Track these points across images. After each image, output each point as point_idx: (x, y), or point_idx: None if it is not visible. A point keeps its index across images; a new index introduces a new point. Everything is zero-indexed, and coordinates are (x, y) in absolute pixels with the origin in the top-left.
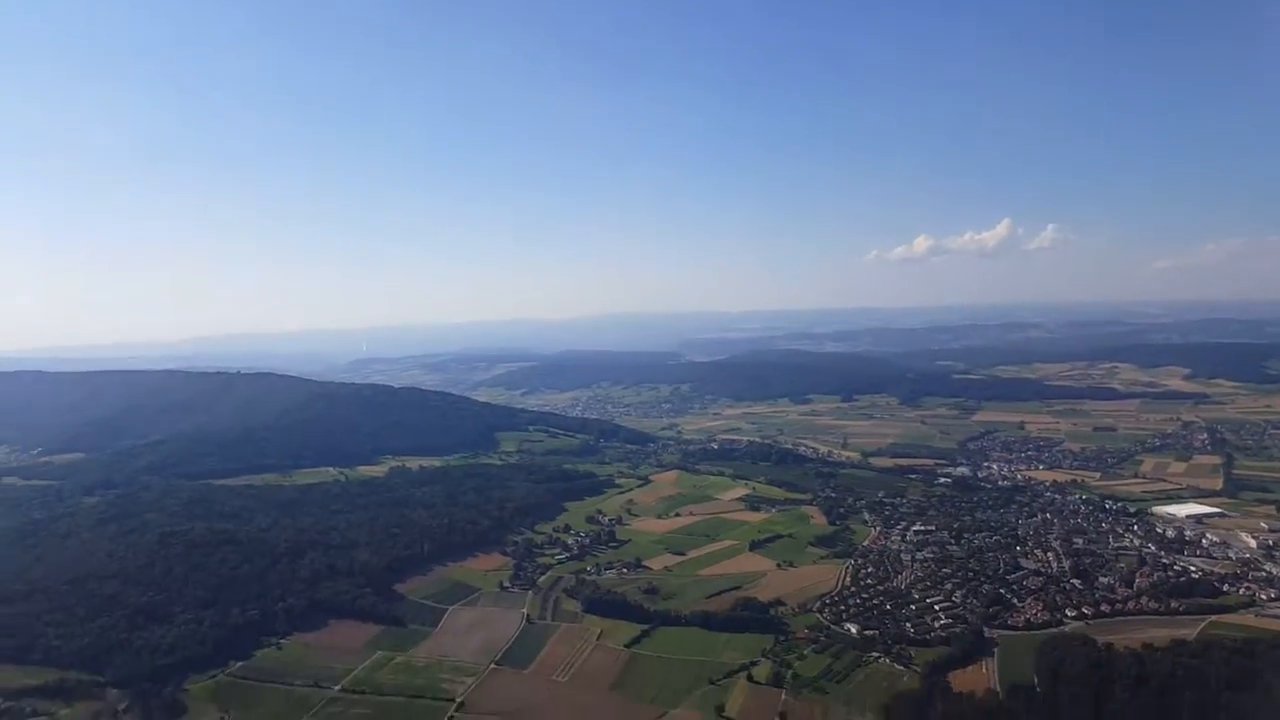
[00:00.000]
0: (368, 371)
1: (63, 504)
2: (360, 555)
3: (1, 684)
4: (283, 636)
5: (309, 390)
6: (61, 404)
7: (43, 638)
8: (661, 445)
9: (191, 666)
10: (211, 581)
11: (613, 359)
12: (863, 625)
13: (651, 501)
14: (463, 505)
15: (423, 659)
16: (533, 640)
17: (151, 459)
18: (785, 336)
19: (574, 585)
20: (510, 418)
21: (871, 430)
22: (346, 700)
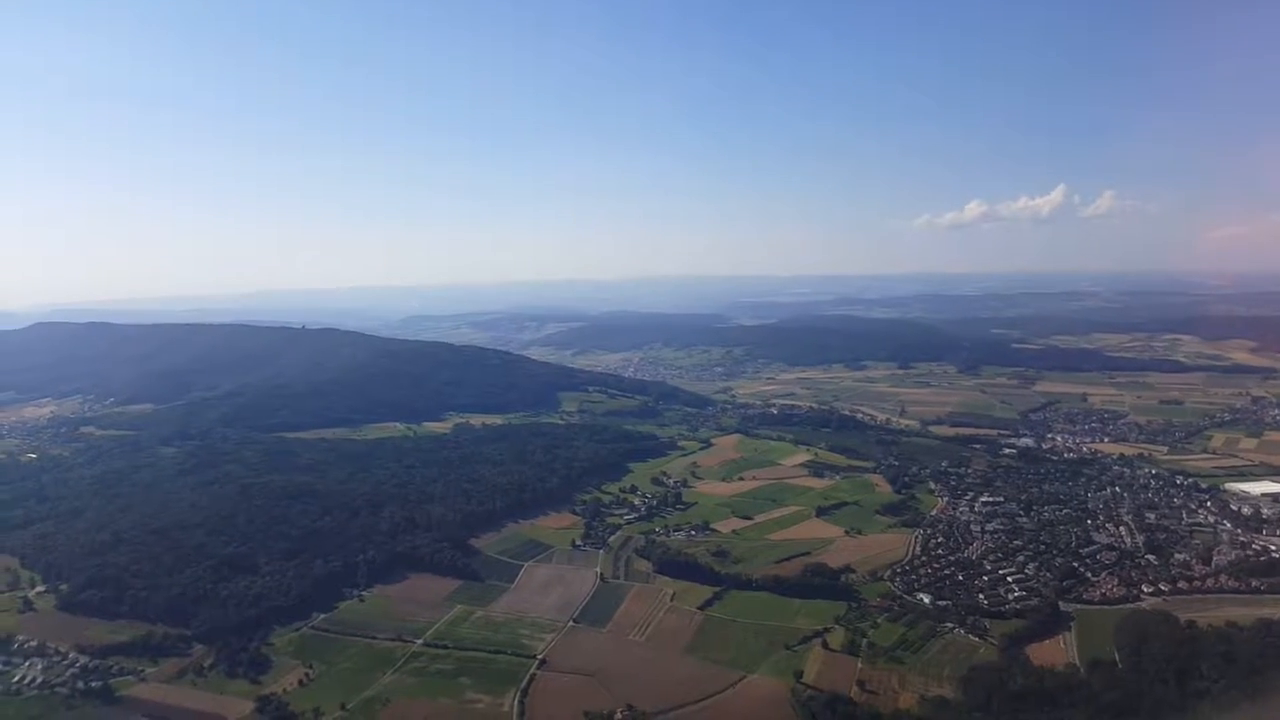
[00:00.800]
0: (419, 329)
1: (142, 454)
2: (435, 510)
3: (90, 640)
4: (364, 588)
5: (373, 346)
6: (131, 355)
7: (130, 589)
8: (720, 409)
9: (276, 619)
10: (293, 533)
11: (661, 321)
12: (935, 595)
13: (714, 465)
14: (531, 464)
15: (501, 614)
16: (608, 599)
17: (225, 411)
18: (834, 302)
19: (644, 546)
20: (570, 378)
21: (930, 398)
22: (429, 654)
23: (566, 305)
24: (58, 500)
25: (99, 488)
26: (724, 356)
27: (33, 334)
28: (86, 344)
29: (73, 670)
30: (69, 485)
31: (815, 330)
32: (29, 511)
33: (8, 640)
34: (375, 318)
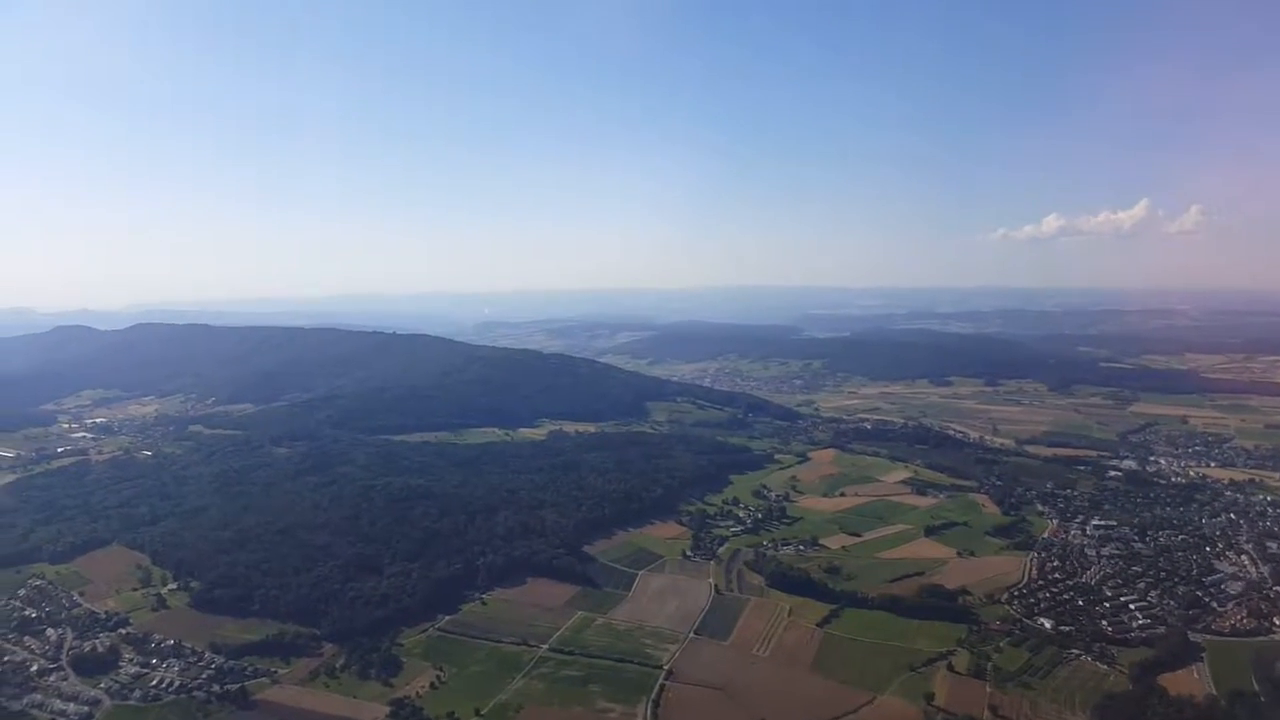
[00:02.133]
0: (495, 335)
1: (254, 454)
2: (548, 515)
3: (224, 639)
4: (484, 591)
5: (462, 352)
6: (228, 356)
7: (261, 588)
8: (810, 423)
9: (402, 619)
10: (414, 535)
11: (733, 331)
12: (1057, 621)
13: (813, 479)
14: (634, 473)
15: (622, 622)
16: (726, 612)
17: (330, 413)
18: (908, 315)
19: (754, 559)
20: (659, 387)
21: (1022, 417)
22: (556, 660)
23: (635, 313)
24: (180, 498)
25: (219, 486)
26: (803, 369)
27: (134, 334)
28: (184, 344)
29: (209, 672)
30: (189, 483)
31: (895, 344)
32: (154, 508)
33: (145, 639)
34: (450, 323)
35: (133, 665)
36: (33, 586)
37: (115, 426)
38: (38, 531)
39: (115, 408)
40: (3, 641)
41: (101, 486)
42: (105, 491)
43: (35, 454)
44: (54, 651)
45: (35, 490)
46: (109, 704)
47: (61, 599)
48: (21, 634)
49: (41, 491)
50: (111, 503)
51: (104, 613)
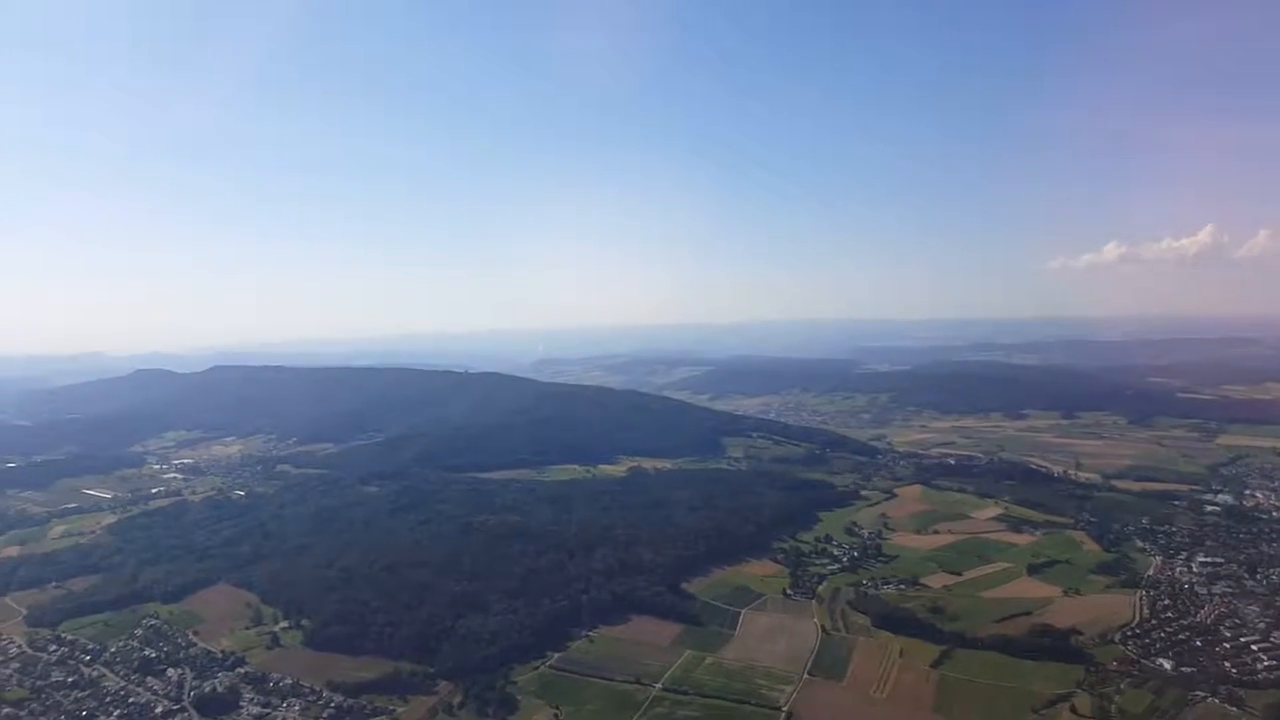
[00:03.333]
0: (552, 372)
1: (346, 492)
2: (644, 553)
3: (339, 677)
4: (590, 629)
5: (533, 390)
6: (304, 397)
7: (373, 625)
8: (890, 458)
9: (513, 656)
10: (515, 571)
11: (790, 365)
12: (1176, 662)
13: (904, 516)
14: (721, 510)
15: (733, 661)
16: (836, 652)
17: (413, 452)
18: (967, 347)
19: (855, 598)
20: (733, 423)
21: (1104, 450)
22: (671, 700)
23: (686, 349)
24: (281, 537)
25: (317, 525)
26: (869, 403)
27: (211, 376)
28: (260, 386)
29: (329, 711)
30: (286, 522)
31: (961, 376)
32: (256, 547)
33: (263, 679)
34: (507, 360)
35: (254, 705)
36: (148, 626)
37: (203, 466)
38: (145, 572)
39: (199, 448)
40: (126, 682)
41: (201, 526)
42: (205, 531)
43: (131, 494)
44: (176, 692)
45: (137, 530)
46: None
47: (177, 638)
48: (143, 674)
49: (143, 532)
50: (214, 542)
51: (220, 652)
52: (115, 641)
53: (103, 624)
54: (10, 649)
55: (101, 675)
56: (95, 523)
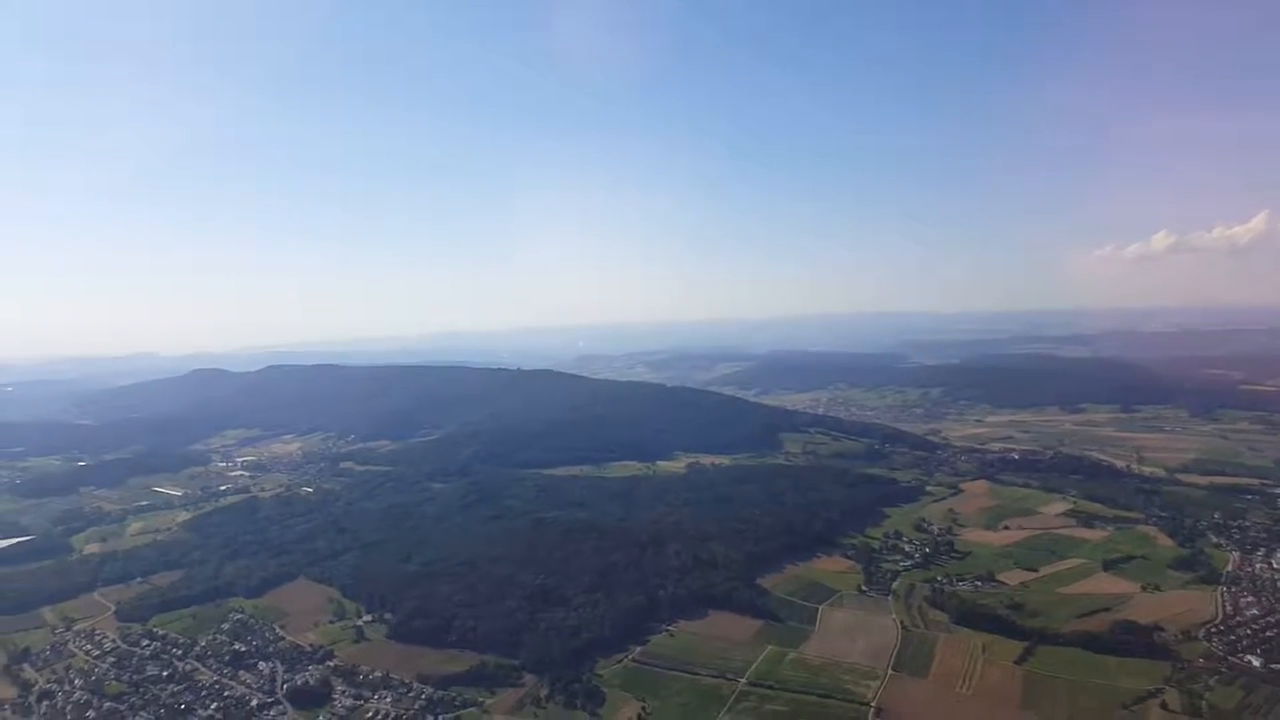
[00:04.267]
0: (597, 368)
1: (412, 489)
2: (716, 548)
3: (427, 670)
4: (669, 623)
5: (586, 388)
6: (358, 395)
7: (455, 619)
8: (950, 453)
9: (596, 650)
10: (590, 566)
11: (834, 360)
12: (1265, 659)
13: (972, 512)
14: (788, 506)
15: (815, 657)
16: (918, 649)
17: (475, 449)
18: (1012, 340)
19: (932, 595)
20: (789, 418)
21: (1167, 444)
22: (757, 694)
23: (725, 345)
24: (354, 532)
25: (390, 521)
26: (921, 397)
27: (267, 376)
28: (314, 385)
29: (420, 703)
30: (358, 518)
31: (1012, 370)
32: (331, 543)
33: (353, 671)
34: (548, 357)
35: (346, 697)
36: (234, 620)
37: (266, 464)
38: (226, 567)
39: (260, 446)
40: (220, 676)
41: (274, 522)
42: (279, 527)
43: (201, 492)
44: (269, 685)
45: (212, 527)
46: None
47: (264, 632)
48: (235, 668)
49: (218, 528)
50: (289, 538)
51: (308, 645)
52: (204, 636)
53: (190, 618)
54: (105, 643)
55: (195, 669)
56: (170, 520)
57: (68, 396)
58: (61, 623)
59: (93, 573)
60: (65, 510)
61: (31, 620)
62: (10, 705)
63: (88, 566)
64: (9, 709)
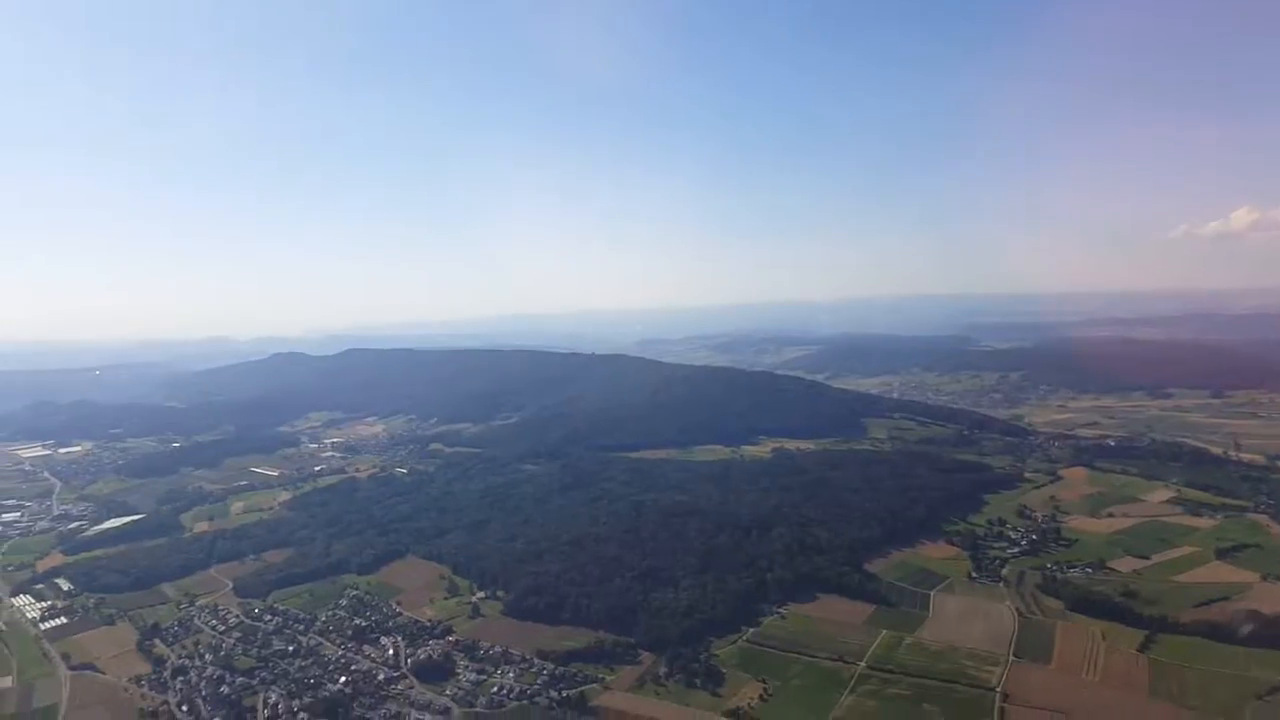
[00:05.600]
0: (660, 352)
1: (505, 470)
2: (819, 533)
3: (545, 646)
4: (778, 605)
5: (663, 372)
6: (434, 378)
7: (568, 597)
8: (1043, 439)
9: (709, 630)
10: (695, 549)
11: (903, 343)
12: None
13: (1074, 499)
14: (886, 492)
15: (932, 642)
16: (1037, 635)
17: (562, 432)
18: (1087, 322)
19: (1043, 582)
20: (872, 404)
21: (1264, 431)
22: (878, 678)
23: (788, 328)
24: (457, 512)
25: (491, 501)
26: (999, 381)
27: (345, 359)
28: (391, 368)
29: (543, 678)
30: (457, 498)
31: (1092, 353)
32: (435, 522)
33: (474, 646)
34: (607, 341)
35: (469, 672)
36: (351, 596)
37: (355, 445)
38: (336, 545)
39: (345, 428)
40: (344, 650)
41: (375, 502)
42: (380, 507)
43: (296, 472)
44: (393, 659)
45: (315, 506)
46: (458, 711)
47: (382, 608)
48: (359, 643)
49: (321, 508)
50: (392, 517)
51: (427, 621)
52: (323, 611)
53: (308, 594)
54: (229, 619)
55: (319, 644)
56: (271, 499)
57: (152, 380)
58: (184, 598)
59: (206, 550)
60: (169, 490)
61: (155, 596)
62: (146, 681)
63: (201, 544)
64: (145, 684)
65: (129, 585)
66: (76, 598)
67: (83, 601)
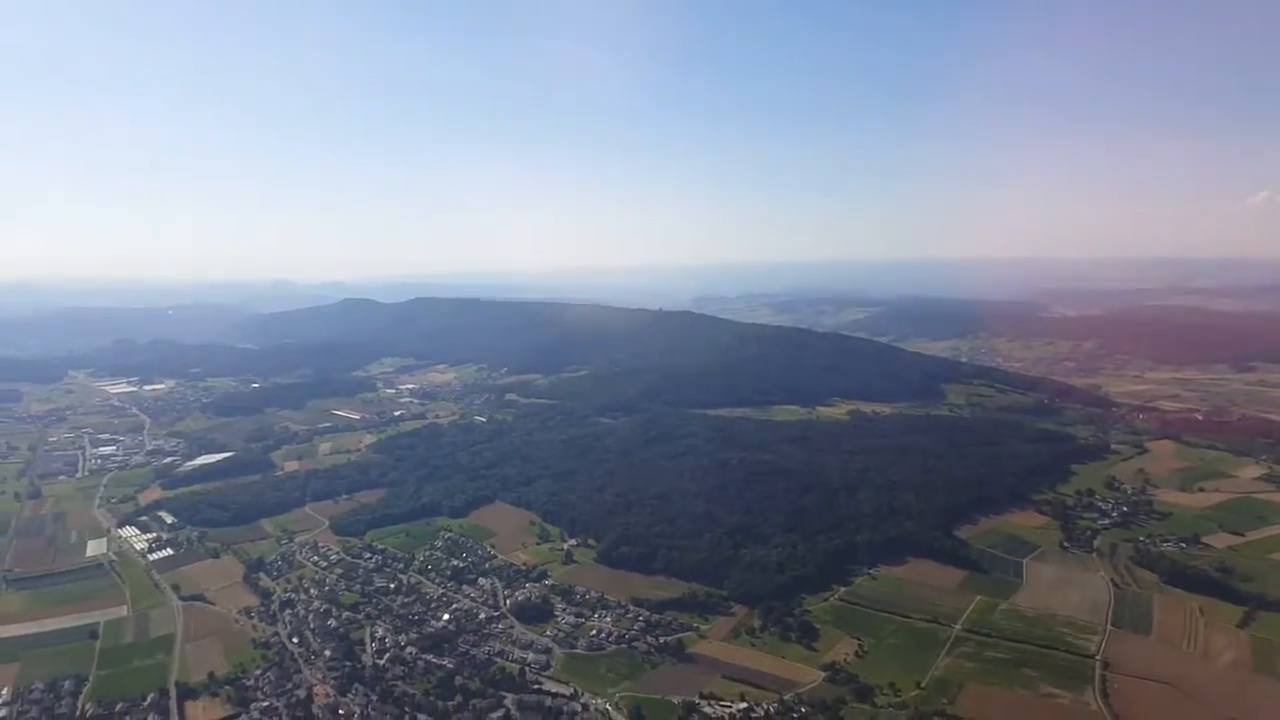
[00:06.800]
0: (716, 309)
1: (583, 423)
2: (907, 497)
3: (639, 594)
4: (869, 567)
5: (733, 330)
6: (502, 329)
7: (659, 548)
8: (1125, 410)
9: (801, 587)
10: (783, 508)
11: (969, 307)
12: None
13: (1164, 473)
14: (971, 459)
15: (1027, 609)
16: (1135, 607)
17: (640, 387)
18: (1162, 290)
19: (1136, 555)
20: (951, 369)
21: None
22: (974, 641)
23: (846, 288)
24: (540, 461)
25: (574, 453)
26: (1072, 350)
27: (413, 308)
28: (458, 317)
29: (638, 624)
30: (540, 448)
31: (1168, 323)
32: (520, 470)
33: (569, 591)
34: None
35: (568, 615)
36: (445, 538)
37: (429, 392)
38: (426, 488)
39: (417, 375)
40: (444, 589)
41: (459, 449)
42: (465, 453)
43: (377, 416)
44: (492, 599)
45: (401, 450)
46: (559, 652)
47: (477, 550)
48: (458, 583)
49: (407, 451)
50: (478, 464)
51: (522, 565)
52: (420, 551)
53: (403, 534)
54: (330, 555)
55: (419, 582)
56: (357, 441)
57: (224, 321)
58: (283, 534)
59: (300, 488)
60: (256, 429)
61: (255, 532)
62: (255, 613)
63: (294, 482)
64: (255, 616)
65: (229, 520)
66: (180, 530)
67: (186, 535)
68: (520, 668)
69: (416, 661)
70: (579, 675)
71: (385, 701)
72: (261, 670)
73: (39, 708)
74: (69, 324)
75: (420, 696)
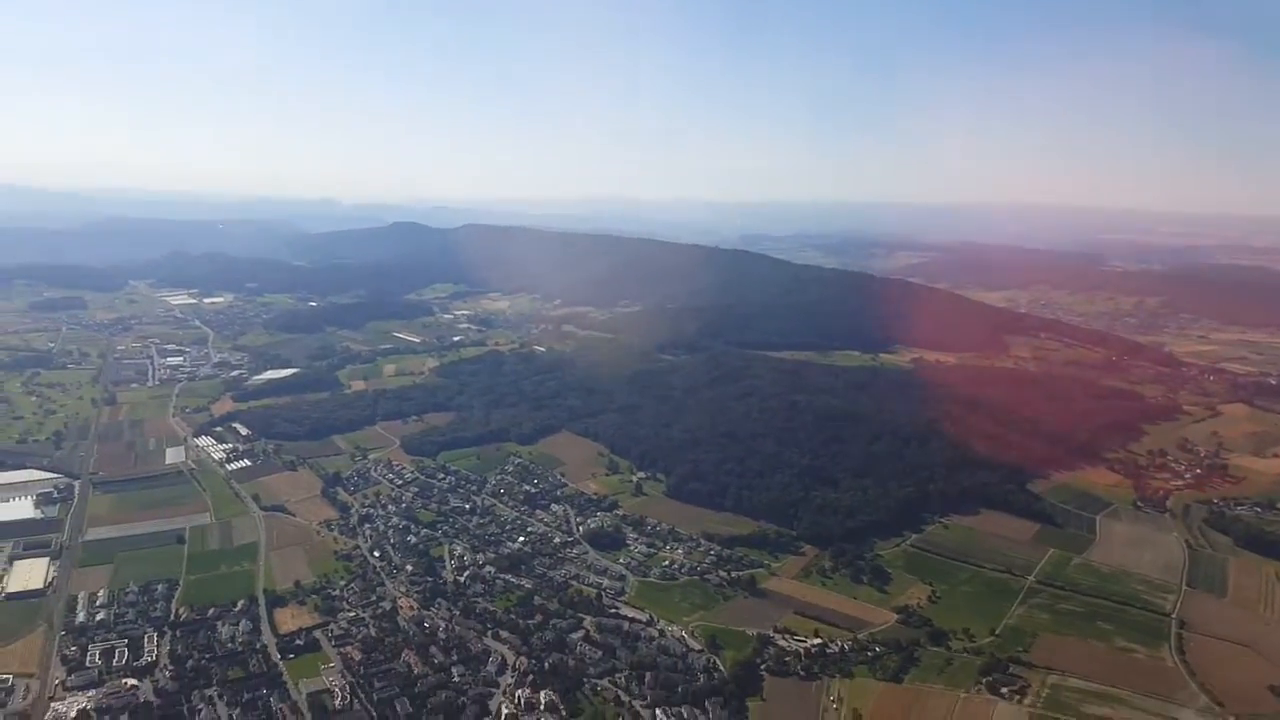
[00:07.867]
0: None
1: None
2: (979, 448)
3: (710, 529)
4: (941, 515)
5: (789, 271)
6: (554, 260)
7: (730, 486)
8: (1196, 370)
9: (872, 531)
10: (854, 453)
11: (1025, 256)
12: None
13: (1237, 436)
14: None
15: (1103, 565)
16: (1209, 568)
17: (698, 324)
18: (1225, 248)
19: (1210, 517)
20: (1013, 320)
21: None
22: (1048, 593)
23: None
24: (605, 395)
25: (639, 388)
26: (1135, 306)
27: (464, 234)
28: (509, 246)
29: (710, 558)
30: (604, 381)
31: (1233, 283)
32: (585, 401)
33: (640, 522)
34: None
35: (639, 544)
36: (516, 464)
37: (484, 319)
38: (494, 414)
39: (470, 301)
40: (518, 513)
41: (522, 377)
42: (528, 382)
43: (437, 340)
44: (565, 525)
45: (465, 376)
46: (632, 580)
47: (548, 477)
48: (531, 508)
49: (471, 377)
50: (543, 393)
51: (593, 494)
52: (492, 475)
53: (475, 458)
54: (405, 474)
55: (493, 504)
56: (420, 364)
57: (274, 237)
58: (356, 451)
59: (370, 407)
60: (319, 347)
61: (329, 447)
62: (336, 526)
63: (363, 401)
64: (335, 529)
65: (303, 435)
66: (255, 443)
67: (261, 447)
68: (596, 592)
69: (495, 580)
70: (654, 603)
71: (468, 617)
72: (346, 581)
73: (135, 610)
74: (120, 235)
75: (501, 614)
